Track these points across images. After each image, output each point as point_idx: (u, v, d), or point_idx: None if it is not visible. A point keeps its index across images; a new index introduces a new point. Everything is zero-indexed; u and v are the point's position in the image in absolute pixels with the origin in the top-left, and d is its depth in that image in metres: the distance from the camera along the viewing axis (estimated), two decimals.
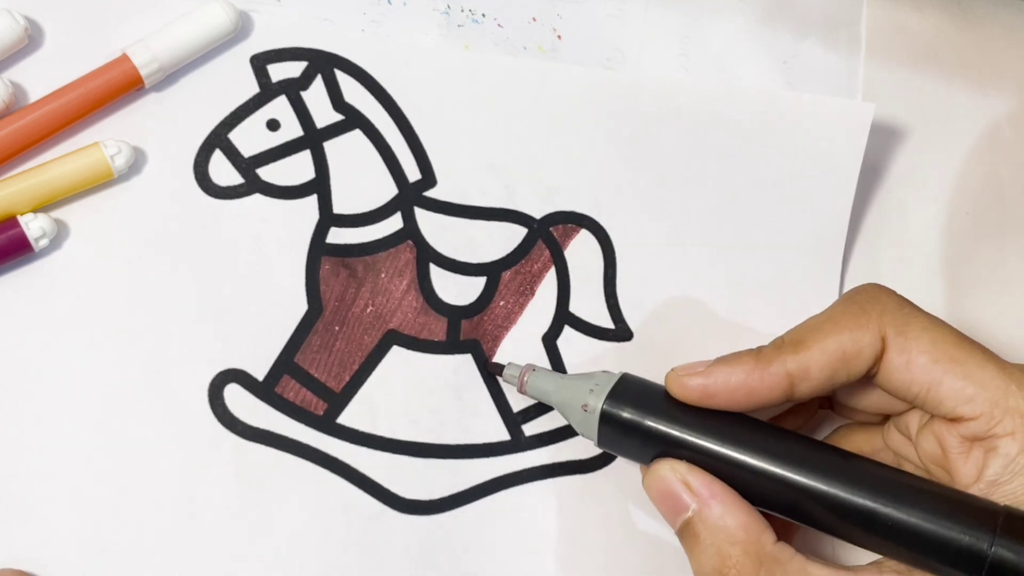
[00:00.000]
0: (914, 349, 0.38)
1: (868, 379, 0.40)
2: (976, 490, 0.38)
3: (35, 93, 0.43)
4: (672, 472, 0.39)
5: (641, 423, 0.40)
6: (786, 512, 0.39)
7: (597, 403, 0.40)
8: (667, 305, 0.47)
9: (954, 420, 0.38)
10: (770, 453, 0.38)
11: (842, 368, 0.39)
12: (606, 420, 0.40)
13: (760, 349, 0.40)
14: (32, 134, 0.42)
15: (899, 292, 0.41)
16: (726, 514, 0.38)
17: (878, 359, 0.39)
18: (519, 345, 0.45)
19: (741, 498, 0.39)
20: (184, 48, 0.43)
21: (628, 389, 0.41)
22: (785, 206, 0.48)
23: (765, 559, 0.38)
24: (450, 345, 0.45)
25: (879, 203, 0.50)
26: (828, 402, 0.45)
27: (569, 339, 0.46)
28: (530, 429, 0.45)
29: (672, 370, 0.40)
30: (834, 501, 0.38)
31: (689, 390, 0.39)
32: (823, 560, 0.38)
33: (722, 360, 0.40)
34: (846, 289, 0.49)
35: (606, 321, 0.46)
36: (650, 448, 0.40)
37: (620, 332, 0.46)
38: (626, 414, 0.40)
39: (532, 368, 0.43)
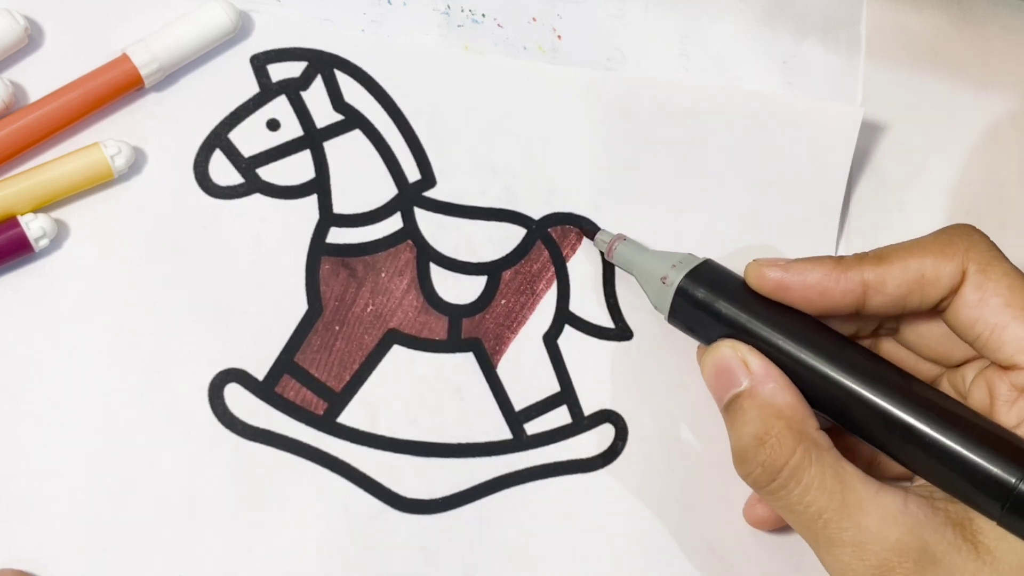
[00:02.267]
0: (990, 289, 0.39)
1: (936, 314, 0.41)
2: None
3: (35, 93, 0.43)
4: (733, 349, 0.40)
5: (713, 304, 0.41)
6: (832, 412, 0.40)
7: (676, 277, 0.42)
8: None
9: (1009, 368, 0.39)
10: (828, 354, 0.39)
11: (917, 290, 0.39)
12: (681, 295, 0.42)
13: (842, 256, 0.41)
14: (32, 134, 0.42)
15: None
16: (777, 393, 0.39)
17: (954, 291, 0.39)
18: (520, 344, 0.45)
19: (794, 386, 0.39)
20: (184, 48, 0.43)
21: (708, 271, 0.42)
22: (780, 206, 0.48)
23: (805, 439, 0.38)
24: (451, 344, 0.45)
25: (879, 203, 0.50)
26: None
27: (569, 338, 0.46)
28: (532, 428, 0.45)
29: (753, 260, 0.41)
30: (879, 410, 0.39)
31: (766, 280, 0.40)
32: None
33: (804, 259, 0.41)
34: None
35: (606, 321, 0.46)
36: (717, 328, 0.41)
37: (620, 331, 0.46)
38: (700, 293, 0.42)
39: (623, 237, 0.45)
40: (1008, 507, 0.37)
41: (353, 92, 0.45)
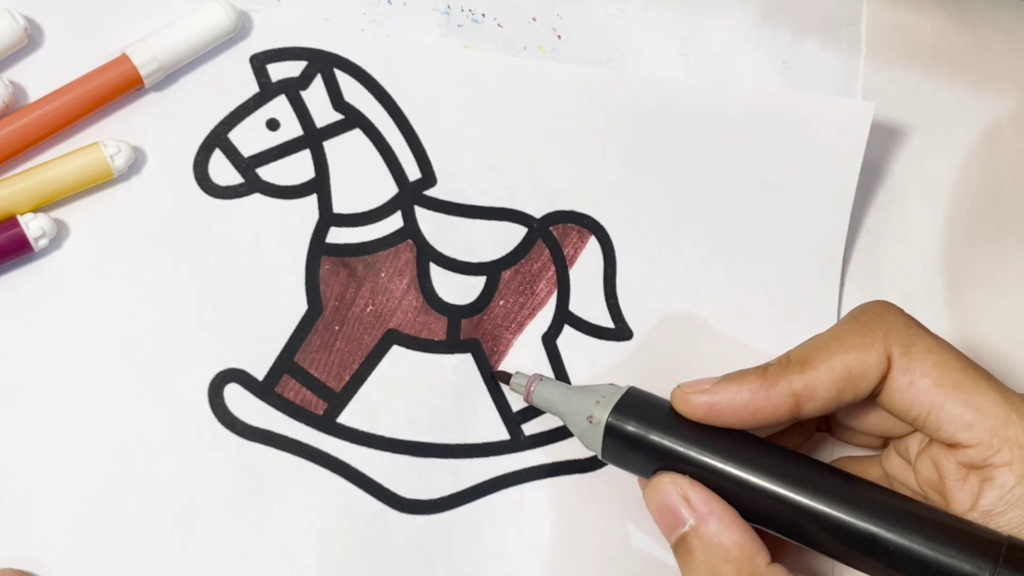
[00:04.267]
0: (917, 371, 0.38)
1: (871, 399, 0.40)
2: (972, 519, 0.38)
3: (35, 93, 0.43)
4: (673, 486, 0.39)
5: (645, 437, 0.40)
6: (786, 532, 0.39)
7: (602, 415, 0.40)
8: (667, 304, 0.47)
9: (952, 446, 0.38)
10: (772, 472, 0.38)
11: (848, 388, 0.39)
12: (611, 433, 0.40)
13: (766, 368, 0.40)
14: (32, 134, 0.42)
15: (900, 289, 0.41)
16: (723, 532, 0.38)
17: (883, 378, 0.39)
18: (519, 344, 0.45)
19: (739, 517, 0.38)
20: (184, 48, 0.43)
21: (633, 403, 0.41)
22: (785, 205, 0.48)
23: None
24: (450, 344, 0.45)
25: (879, 203, 0.50)
26: (826, 423, 0.45)
27: (569, 338, 0.46)
28: (529, 429, 0.45)
29: (678, 387, 0.40)
30: (835, 523, 0.37)
31: (695, 407, 0.39)
32: None
33: (728, 378, 0.40)
34: (845, 289, 0.49)
35: (606, 320, 0.46)
36: (653, 462, 0.40)
37: (620, 331, 0.46)
38: (630, 427, 0.40)
39: (539, 378, 0.43)
40: None
41: (353, 91, 0.45)
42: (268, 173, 0.44)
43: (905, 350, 0.38)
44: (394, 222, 0.45)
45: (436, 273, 0.45)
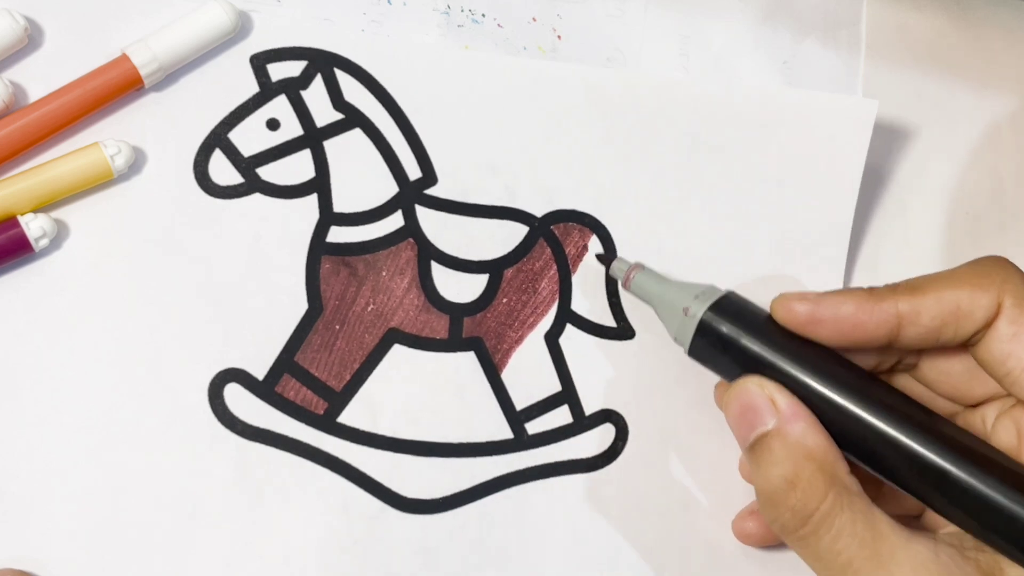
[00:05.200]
0: None
1: (962, 349, 0.40)
2: None
3: (35, 93, 0.43)
4: (760, 387, 0.38)
5: (736, 340, 0.39)
6: (861, 455, 0.38)
7: (699, 310, 0.40)
8: None
9: None
10: (859, 394, 0.38)
11: (951, 323, 0.38)
12: (703, 329, 0.40)
13: (873, 287, 0.39)
14: (32, 134, 0.42)
15: None
16: (807, 434, 0.37)
17: (988, 325, 0.38)
18: (521, 342, 0.45)
19: (822, 426, 0.38)
20: (184, 48, 0.43)
21: (731, 305, 0.40)
22: (788, 204, 0.48)
23: (836, 483, 0.37)
24: (452, 343, 0.45)
25: (879, 203, 0.50)
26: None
27: (571, 337, 0.46)
28: (533, 428, 0.45)
29: (780, 295, 0.40)
30: (911, 454, 0.37)
31: (795, 314, 0.39)
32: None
33: (834, 292, 0.39)
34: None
35: (608, 319, 0.46)
36: (739, 366, 0.40)
37: (622, 330, 0.46)
38: (724, 327, 0.40)
39: (640, 267, 0.43)
40: None
41: (353, 91, 0.45)
42: (268, 173, 0.44)
43: (1017, 302, 0.38)
44: (395, 221, 0.45)
45: (437, 272, 0.45)
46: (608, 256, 0.45)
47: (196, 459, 0.42)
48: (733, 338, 0.40)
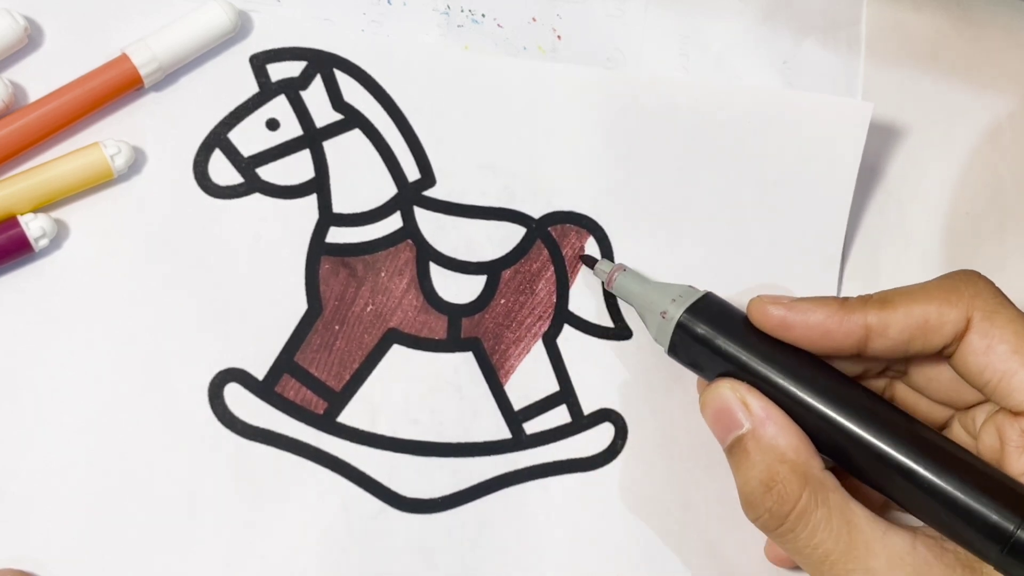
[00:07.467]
0: (997, 336, 0.39)
1: (941, 359, 0.41)
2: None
3: (35, 93, 0.43)
4: (732, 391, 0.40)
5: (712, 340, 0.41)
6: (832, 454, 0.40)
7: (677, 312, 0.42)
8: None
9: (1019, 414, 0.39)
10: (828, 395, 0.39)
11: (920, 336, 0.39)
12: (681, 330, 0.41)
13: (846, 298, 0.40)
14: (32, 134, 0.42)
15: None
16: (779, 435, 0.39)
17: (958, 338, 0.39)
18: (520, 343, 0.45)
19: (795, 424, 0.39)
20: (184, 48, 0.43)
21: (708, 306, 0.42)
22: (784, 205, 0.48)
23: (811, 480, 0.38)
24: (451, 343, 0.45)
25: (879, 203, 0.50)
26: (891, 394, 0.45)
27: (569, 338, 0.46)
28: (531, 427, 0.45)
29: (757, 296, 0.41)
30: (878, 453, 0.38)
31: (768, 317, 0.40)
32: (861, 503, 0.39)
33: (807, 298, 0.41)
34: (844, 289, 0.49)
35: (605, 320, 0.46)
36: (716, 366, 0.41)
37: (619, 331, 0.46)
38: (700, 328, 0.41)
39: (623, 268, 0.45)
40: (1007, 551, 0.36)
41: (352, 91, 0.45)
42: (268, 173, 0.44)
43: (987, 315, 0.39)
44: (394, 222, 0.45)
45: (436, 272, 0.45)
46: (593, 257, 0.46)
47: (196, 459, 0.42)
48: (709, 339, 0.41)
